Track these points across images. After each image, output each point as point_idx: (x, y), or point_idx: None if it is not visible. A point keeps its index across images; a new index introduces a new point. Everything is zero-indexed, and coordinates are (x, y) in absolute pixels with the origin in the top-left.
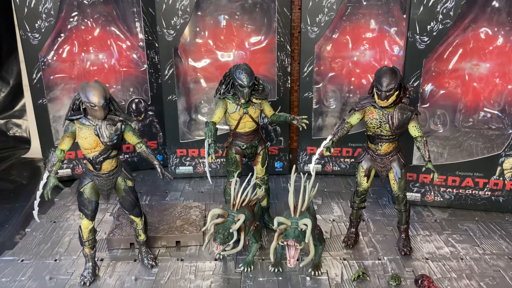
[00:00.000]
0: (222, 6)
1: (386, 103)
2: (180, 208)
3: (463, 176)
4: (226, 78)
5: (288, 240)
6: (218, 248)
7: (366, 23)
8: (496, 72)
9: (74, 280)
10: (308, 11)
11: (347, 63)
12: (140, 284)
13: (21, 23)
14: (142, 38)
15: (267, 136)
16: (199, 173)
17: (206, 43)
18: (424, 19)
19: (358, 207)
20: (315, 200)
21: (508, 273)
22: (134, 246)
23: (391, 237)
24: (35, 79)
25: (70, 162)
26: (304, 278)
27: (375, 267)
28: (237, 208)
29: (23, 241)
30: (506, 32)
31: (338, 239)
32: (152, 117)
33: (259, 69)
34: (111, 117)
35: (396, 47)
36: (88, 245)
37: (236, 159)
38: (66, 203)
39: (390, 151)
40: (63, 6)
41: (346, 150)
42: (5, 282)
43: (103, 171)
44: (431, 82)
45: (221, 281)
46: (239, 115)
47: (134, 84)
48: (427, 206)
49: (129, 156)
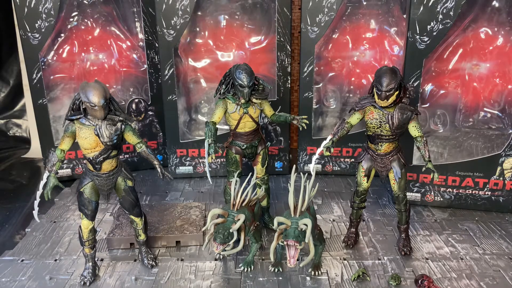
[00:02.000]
0: (222, 6)
1: (386, 103)
2: (180, 208)
3: (463, 176)
4: (226, 78)
5: (288, 240)
6: (218, 248)
7: (366, 23)
8: (496, 72)
9: (74, 280)
10: (308, 11)
11: (347, 63)
12: (140, 284)
13: (21, 23)
14: (142, 38)
15: (267, 136)
16: (199, 173)
17: (206, 43)
18: (424, 19)
19: (358, 207)
20: (315, 200)
21: (508, 273)
22: (134, 246)
23: (391, 237)
24: (35, 79)
25: (70, 162)
26: (304, 278)
27: (375, 267)
28: (237, 208)
29: (23, 241)
30: (506, 32)
31: (338, 239)
32: (152, 117)
33: (259, 69)
34: (111, 117)
35: (396, 47)
36: (88, 245)
37: (236, 159)
38: (66, 203)
39: (390, 151)
40: (63, 6)
41: (346, 150)
42: (5, 282)
43: (103, 171)
44: (431, 82)
45: (221, 281)
46: (239, 115)
47: (134, 84)
48: (427, 206)
49: (129, 156)
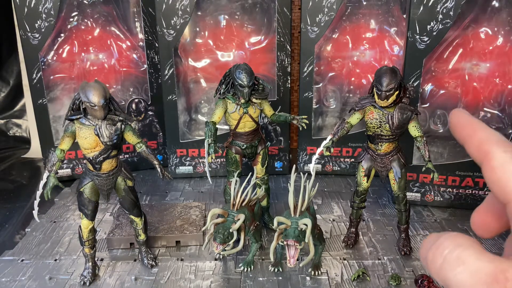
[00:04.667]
0: (222, 6)
1: (386, 103)
2: (180, 208)
3: (463, 176)
4: (226, 78)
5: (288, 240)
6: (218, 248)
7: (366, 23)
8: (496, 72)
9: (74, 280)
10: (308, 11)
11: (347, 63)
12: (140, 284)
13: (21, 23)
14: (142, 38)
15: (267, 136)
16: (199, 173)
17: (206, 43)
18: (424, 19)
19: (358, 207)
20: (315, 200)
21: None
22: (134, 246)
23: (391, 237)
24: (35, 79)
25: (70, 162)
26: (304, 278)
27: (375, 267)
28: (237, 208)
29: (23, 241)
30: (506, 32)
31: (338, 239)
32: (152, 117)
33: (259, 69)
34: (111, 117)
35: (396, 47)
36: (88, 245)
37: (236, 159)
38: (66, 203)
39: (390, 151)
40: (63, 6)
41: (346, 150)
42: (5, 282)
43: (103, 171)
44: (431, 82)
45: (221, 281)
46: (239, 115)
47: (134, 84)
48: (427, 206)
49: (129, 156)
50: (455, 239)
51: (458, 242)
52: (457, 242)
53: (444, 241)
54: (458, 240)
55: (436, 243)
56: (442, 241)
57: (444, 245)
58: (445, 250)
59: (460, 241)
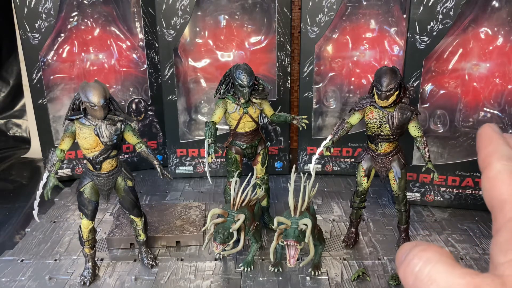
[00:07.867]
0: (222, 6)
1: (386, 103)
2: (180, 208)
3: (463, 176)
4: (226, 78)
5: (288, 240)
6: (218, 248)
7: (366, 23)
8: (496, 72)
9: (74, 280)
10: (308, 11)
11: (347, 63)
12: (140, 284)
13: (21, 23)
14: (142, 38)
15: (267, 136)
16: (199, 173)
17: (206, 43)
18: (424, 19)
19: (358, 207)
20: (315, 200)
21: None
22: (134, 246)
23: (391, 237)
24: (35, 79)
25: (70, 162)
26: (304, 278)
27: (375, 267)
28: (237, 208)
29: (23, 241)
30: (506, 32)
31: (338, 239)
32: (152, 117)
33: (259, 69)
34: (111, 117)
35: (396, 47)
36: (88, 245)
37: (236, 159)
38: (66, 203)
39: (390, 151)
40: (63, 6)
41: (346, 150)
42: (5, 282)
43: (103, 171)
44: (431, 82)
45: (221, 281)
46: (239, 115)
47: (134, 84)
48: (427, 206)
49: (129, 156)
50: (423, 255)
51: (427, 258)
52: (425, 257)
53: (413, 259)
54: (427, 255)
55: (406, 259)
56: (411, 258)
57: (414, 262)
58: (415, 267)
59: (429, 256)
